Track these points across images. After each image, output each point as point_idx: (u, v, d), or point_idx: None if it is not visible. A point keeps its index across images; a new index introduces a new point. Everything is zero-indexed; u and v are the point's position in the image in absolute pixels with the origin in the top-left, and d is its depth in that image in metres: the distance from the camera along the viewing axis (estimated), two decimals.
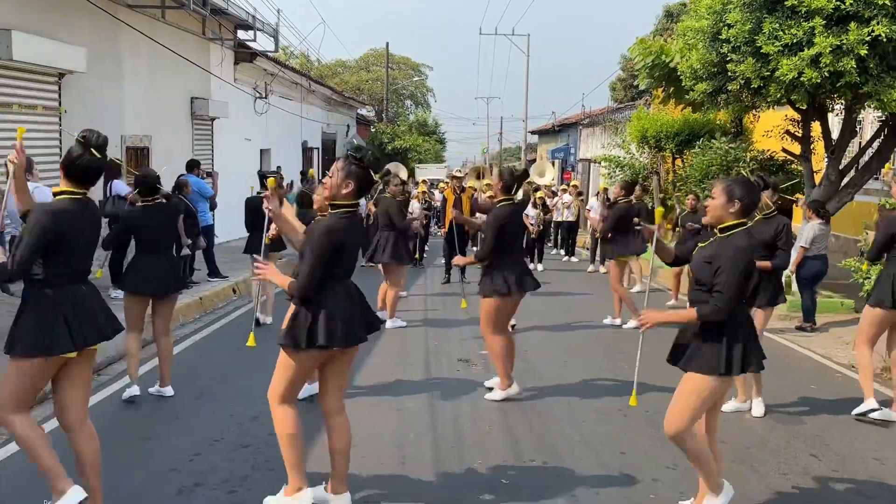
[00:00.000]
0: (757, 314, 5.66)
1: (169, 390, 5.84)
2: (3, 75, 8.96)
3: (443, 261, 13.15)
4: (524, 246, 14.79)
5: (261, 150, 19.55)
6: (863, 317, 5.87)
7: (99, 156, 3.57)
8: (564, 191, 17.31)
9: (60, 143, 9.93)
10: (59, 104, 10.23)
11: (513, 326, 7.41)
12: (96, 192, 8.11)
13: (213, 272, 10.97)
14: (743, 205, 3.65)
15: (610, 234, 9.44)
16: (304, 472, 3.88)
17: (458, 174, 15.71)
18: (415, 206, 16.10)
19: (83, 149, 3.56)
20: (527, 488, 4.37)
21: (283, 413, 3.82)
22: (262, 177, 8.73)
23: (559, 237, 17.84)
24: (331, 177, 3.76)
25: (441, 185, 20.82)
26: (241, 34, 16.79)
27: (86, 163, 3.57)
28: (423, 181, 21.16)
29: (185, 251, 9.99)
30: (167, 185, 8.09)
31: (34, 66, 9.31)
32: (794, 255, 8.72)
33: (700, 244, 3.83)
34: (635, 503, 4.23)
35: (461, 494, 4.30)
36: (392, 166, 22.48)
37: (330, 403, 3.97)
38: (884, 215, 7.26)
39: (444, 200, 14.01)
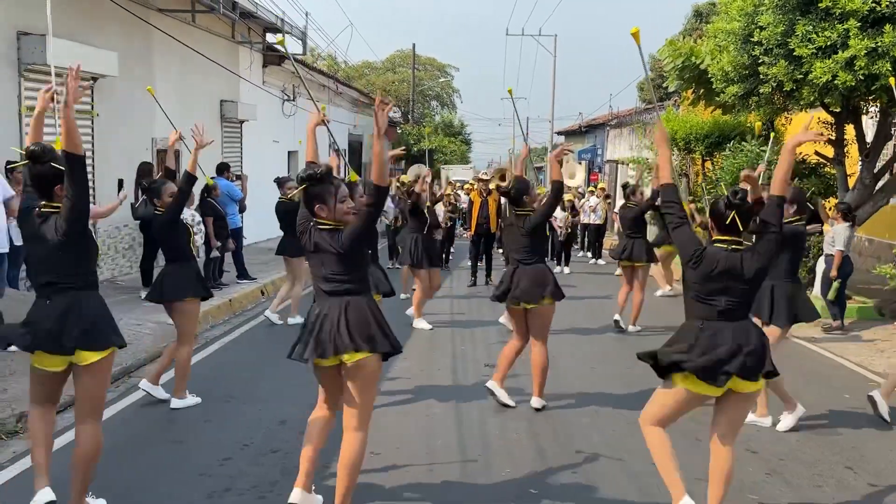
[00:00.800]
0: (773, 330, 5.42)
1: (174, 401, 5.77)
2: (37, 79, 9.10)
3: (469, 263, 13.14)
4: (551, 248, 14.89)
5: (289, 153, 19.67)
6: None
7: (39, 164, 3.61)
8: (592, 193, 17.21)
9: (93, 146, 10.08)
10: (92, 108, 10.38)
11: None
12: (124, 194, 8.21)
13: (242, 274, 11.07)
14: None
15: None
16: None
17: (485, 177, 15.64)
18: (439, 210, 16.12)
19: (24, 159, 3.66)
20: (555, 499, 4.34)
21: None
22: (279, 184, 8.82)
23: (586, 240, 17.75)
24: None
25: (467, 186, 20.80)
26: (270, 37, 16.91)
27: (31, 172, 3.68)
28: (451, 183, 21.10)
29: (215, 253, 10.14)
30: (195, 189, 8.19)
31: (67, 70, 9.44)
32: (834, 259, 8.67)
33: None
34: None
35: (490, 499, 4.28)
36: (413, 169, 22.53)
37: (343, 418, 3.93)
38: None
39: (471, 203, 13.98)
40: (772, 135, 8.38)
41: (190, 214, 8.46)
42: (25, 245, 3.97)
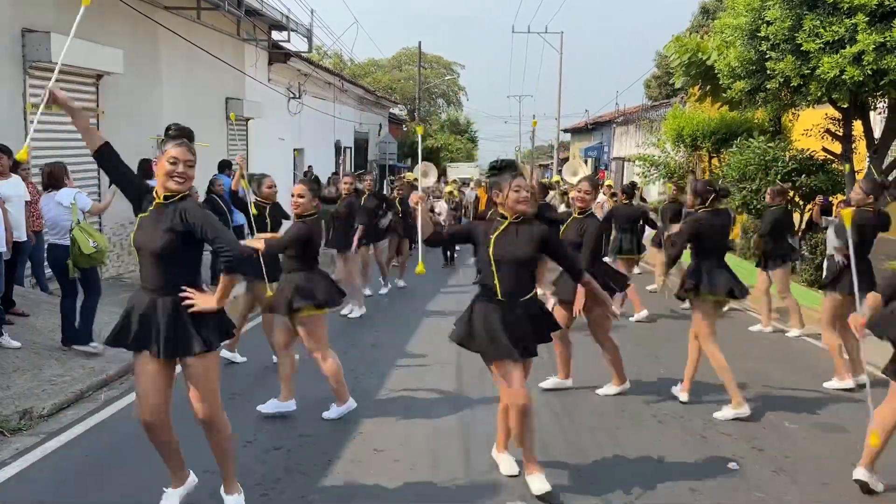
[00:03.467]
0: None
1: None
2: (42, 76, 9.13)
3: (473, 259, 13.08)
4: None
5: (294, 150, 19.71)
6: None
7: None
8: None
9: None
10: (97, 105, 10.41)
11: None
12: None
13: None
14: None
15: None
16: None
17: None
18: (442, 207, 16.09)
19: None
20: (559, 495, 4.32)
21: None
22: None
23: None
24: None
25: (472, 183, 20.81)
26: (275, 35, 16.92)
27: None
28: (453, 181, 21.13)
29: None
30: (201, 185, 8.19)
31: (72, 67, 9.49)
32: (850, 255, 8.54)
33: None
34: None
35: (493, 499, 4.27)
36: (421, 167, 22.35)
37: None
38: None
39: (477, 199, 13.95)
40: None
41: None
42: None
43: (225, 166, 11.28)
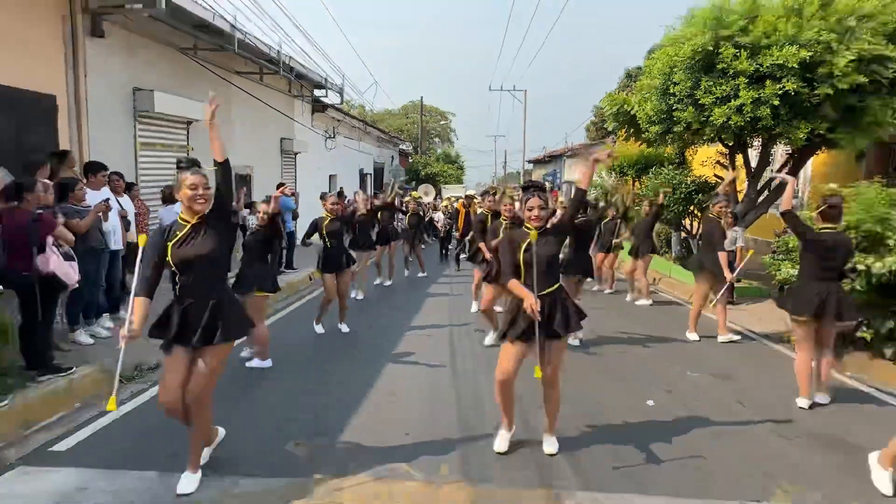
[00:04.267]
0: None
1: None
2: (149, 124, 9.14)
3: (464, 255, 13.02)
4: None
5: (329, 176, 19.68)
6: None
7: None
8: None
9: None
10: (187, 143, 10.39)
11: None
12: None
13: (289, 265, 11.12)
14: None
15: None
16: None
17: (471, 193, 15.67)
18: (440, 217, 16.10)
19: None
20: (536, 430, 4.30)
21: None
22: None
23: None
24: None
25: (456, 200, 20.83)
26: (316, 92, 16.89)
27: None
28: (448, 198, 21.11)
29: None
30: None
31: (170, 116, 9.48)
32: (722, 255, 8.55)
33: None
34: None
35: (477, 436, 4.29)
36: (423, 188, 22.35)
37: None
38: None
39: (457, 211, 13.93)
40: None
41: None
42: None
43: (280, 186, 11.26)
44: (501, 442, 3.90)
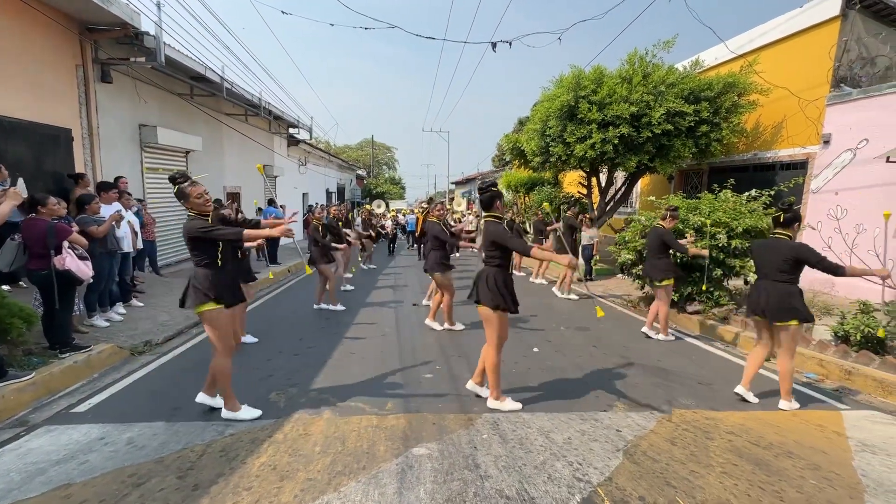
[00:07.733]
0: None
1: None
2: (153, 153, 8.44)
3: (405, 251, 12.86)
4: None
5: (303, 194, 18.96)
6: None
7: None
8: (469, 214, 17.27)
9: None
10: (186, 169, 9.68)
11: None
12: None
13: (273, 260, 10.64)
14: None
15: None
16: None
17: (425, 204, 15.60)
18: (389, 224, 15.88)
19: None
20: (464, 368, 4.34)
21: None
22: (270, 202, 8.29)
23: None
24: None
25: (411, 208, 20.62)
26: (291, 130, 16.21)
27: None
28: (394, 210, 20.96)
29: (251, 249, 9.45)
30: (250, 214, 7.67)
31: (171, 147, 8.79)
32: (594, 247, 8.91)
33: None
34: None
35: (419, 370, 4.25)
36: (376, 203, 21.91)
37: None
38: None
39: (416, 219, 13.77)
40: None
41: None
42: None
43: (271, 202, 10.81)
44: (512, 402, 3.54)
